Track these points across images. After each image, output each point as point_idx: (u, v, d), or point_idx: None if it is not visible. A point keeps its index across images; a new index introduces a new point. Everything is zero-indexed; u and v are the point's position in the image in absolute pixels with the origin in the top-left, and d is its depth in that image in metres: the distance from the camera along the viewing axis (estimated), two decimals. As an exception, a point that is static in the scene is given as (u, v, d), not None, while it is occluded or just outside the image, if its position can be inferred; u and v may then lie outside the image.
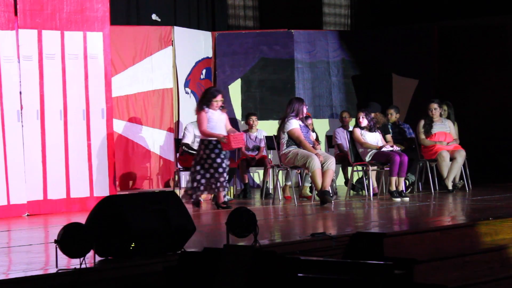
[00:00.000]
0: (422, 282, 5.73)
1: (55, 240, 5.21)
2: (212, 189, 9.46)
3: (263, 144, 11.43)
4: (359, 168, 10.94)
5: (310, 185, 10.56)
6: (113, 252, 5.57)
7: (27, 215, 9.44)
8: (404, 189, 10.55)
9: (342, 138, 11.33)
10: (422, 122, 11.29)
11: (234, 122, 12.56)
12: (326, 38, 13.68)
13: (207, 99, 9.53)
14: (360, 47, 13.76)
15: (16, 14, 9.45)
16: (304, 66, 13.48)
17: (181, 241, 5.76)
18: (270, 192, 11.27)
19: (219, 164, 9.38)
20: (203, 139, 9.53)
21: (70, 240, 5.18)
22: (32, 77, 9.60)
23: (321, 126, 13.10)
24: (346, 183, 11.62)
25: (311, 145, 9.87)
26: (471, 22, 14.07)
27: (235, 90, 13.13)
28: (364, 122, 10.63)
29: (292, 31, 13.51)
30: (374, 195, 10.57)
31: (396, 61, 13.69)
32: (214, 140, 9.43)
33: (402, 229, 7.15)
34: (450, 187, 10.97)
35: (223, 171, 9.39)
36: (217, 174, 9.37)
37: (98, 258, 5.50)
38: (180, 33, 12.52)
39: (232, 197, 10.99)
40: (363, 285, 4.62)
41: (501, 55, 13.87)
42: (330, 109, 13.60)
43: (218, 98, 9.52)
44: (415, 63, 13.62)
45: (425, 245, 6.59)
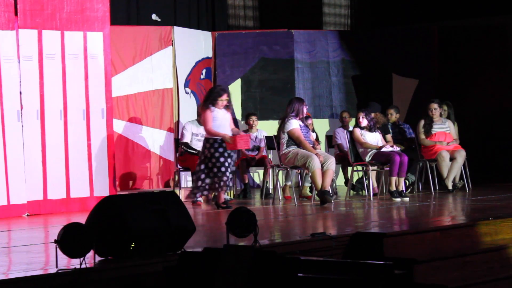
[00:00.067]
0: (422, 282, 5.73)
1: (55, 240, 5.20)
2: (216, 188, 9.45)
3: (263, 144, 11.43)
4: (359, 168, 10.94)
5: (310, 185, 10.56)
6: (113, 252, 5.56)
7: (27, 215, 9.44)
8: (404, 189, 10.55)
9: (342, 138, 11.33)
10: (422, 122, 11.29)
11: (234, 122, 12.53)
12: (326, 38, 13.67)
13: (213, 98, 9.52)
14: (360, 47, 13.75)
15: (16, 14, 9.44)
16: (304, 66, 13.47)
17: (181, 241, 5.76)
18: (270, 192, 11.26)
19: (222, 163, 9.36)
20: (208, 138, 9.50)
21: (70, 240, 5.18)
22: (32, 77, 9.59)
23: (321, 126, 13.09)
24: (346, 183, 11.62)
25: (311, 145, 9.87)
26: (471, 22, 14.08)
27: (235, 90, 13.10)
28: (364, 122, 10.63)
29: (292, 31, 13.50)
30: (374, 195, 10.57)
31: (396, 61, 13.69)
32: (219, 139, 9.42)
33: (402, 229, 7.15)
34: (450, 187, 10.97)
35: (225, 170, 9.36)
36: (220, 173, 9.35)
37: (98, 258, 5.50)
38: (180, 33, 12.51)
39: (232, 197, 10.97)
40: (363, 285, 4.62)
41: (501, 55, 13.88)
42: (330, 109, 13.60)
43: (223, 97, 9.51)
44: (415, 63, 13.62)
45: (425, 245, 6.58)
